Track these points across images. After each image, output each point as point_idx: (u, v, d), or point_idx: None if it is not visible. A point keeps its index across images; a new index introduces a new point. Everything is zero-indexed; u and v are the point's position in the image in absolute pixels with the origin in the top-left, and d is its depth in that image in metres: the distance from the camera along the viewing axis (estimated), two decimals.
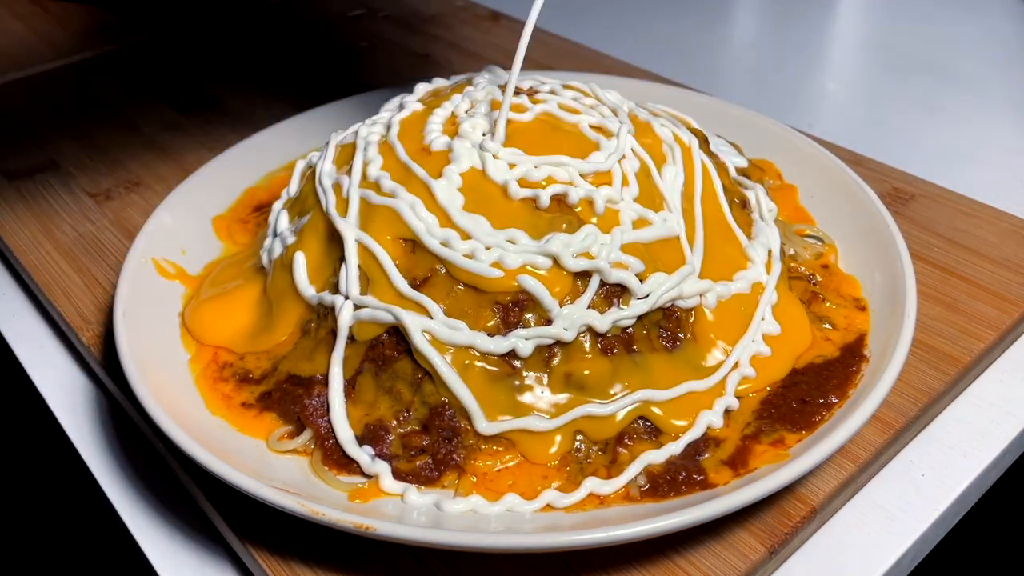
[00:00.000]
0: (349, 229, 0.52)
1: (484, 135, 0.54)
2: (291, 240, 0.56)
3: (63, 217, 0.74)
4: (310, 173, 0.59)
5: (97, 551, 0.86)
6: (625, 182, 0.53)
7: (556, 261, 0.49)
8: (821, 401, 0.49)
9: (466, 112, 0.57)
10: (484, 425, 0.47)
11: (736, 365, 0.51)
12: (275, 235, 0.58)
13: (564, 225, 0.50)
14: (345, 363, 0.50)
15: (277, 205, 0.61)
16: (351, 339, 0.50)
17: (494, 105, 0.57)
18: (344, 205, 0.54)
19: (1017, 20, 1.09)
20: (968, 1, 1.14)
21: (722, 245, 0.55)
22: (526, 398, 0.48)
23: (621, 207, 0.52)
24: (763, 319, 0.53)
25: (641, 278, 0.50)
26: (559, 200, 0.51)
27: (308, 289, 0.53)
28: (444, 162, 0.53)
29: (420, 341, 0.48)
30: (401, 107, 0.60)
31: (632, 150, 0.55)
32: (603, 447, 0.48)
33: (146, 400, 0.47)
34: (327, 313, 0.52)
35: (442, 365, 0.48)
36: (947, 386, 0.54)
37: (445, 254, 0.50)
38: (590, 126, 0.56)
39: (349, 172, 0.55)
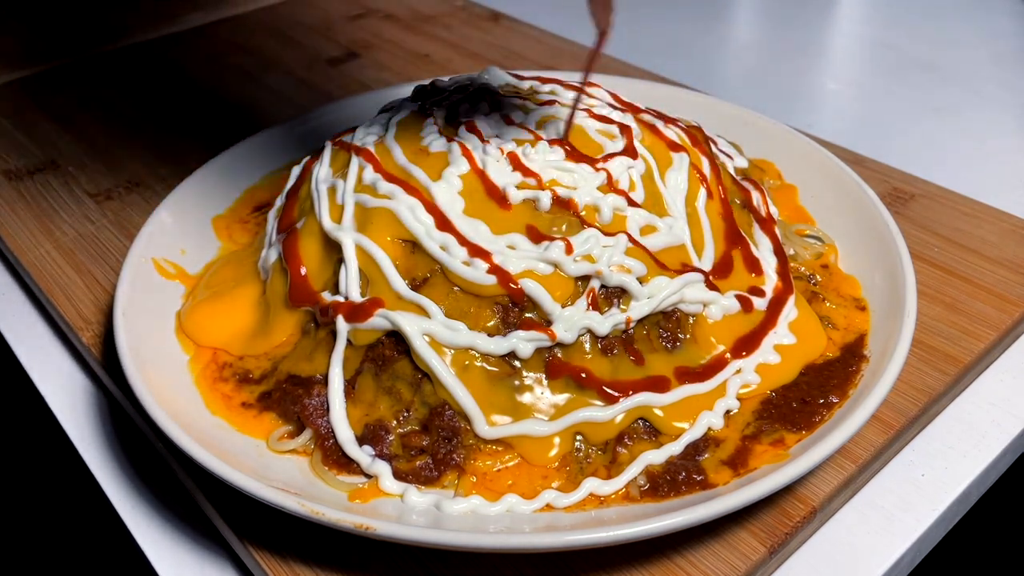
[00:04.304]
0: (346, 234, 0.52)
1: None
2: None
3: (63, 217, 0.74)
4: (307, 176, 0.59)
5: (97, 551, 0.86)
6: (632, 187, 0.53)
7: (557, 266, 0.49)
8: (821, 401, 0.49)
9: (465, 113, 0.57)
10: (484, 429, 0.47)
11: (739, 371, 0.51)
12: (270, 244, 0.58)
13: (564, 226, 0.50)
14: (345, 363, 0.50)
15: (272, 214, 0.61)
16: (350, 342, 0.50)
17: (494, 106, 0.57)
18: (339, 211, 0.54)
19: (1017, 19, 1.09)
20: (968, 1, 1.14)
21: (733, 254, 0.55)
22: (526, 398, 0.48)
23: (628, 213, 0.52)
24: (776, 332, 0.53)
25: (643, 281, 0.50)
26: (559, 202, 0.51)
27: None
28: (443, 164, 0.53)
29: (420, 345, 0.48)
30: (400, 108, 0.60)
31: (639, 153, 0.55)
32: (603, 447, 0.48)
33: (146, 400, 0.47)
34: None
35: (441, 369, 0.48)
36: (947, 386, 0.54)
37: (443, 258, 0.49)
38: (596, 130, 0.56)
39: (345, 176, 0.55)
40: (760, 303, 0.53)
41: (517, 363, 0.49)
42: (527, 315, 0.49)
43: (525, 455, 0.48)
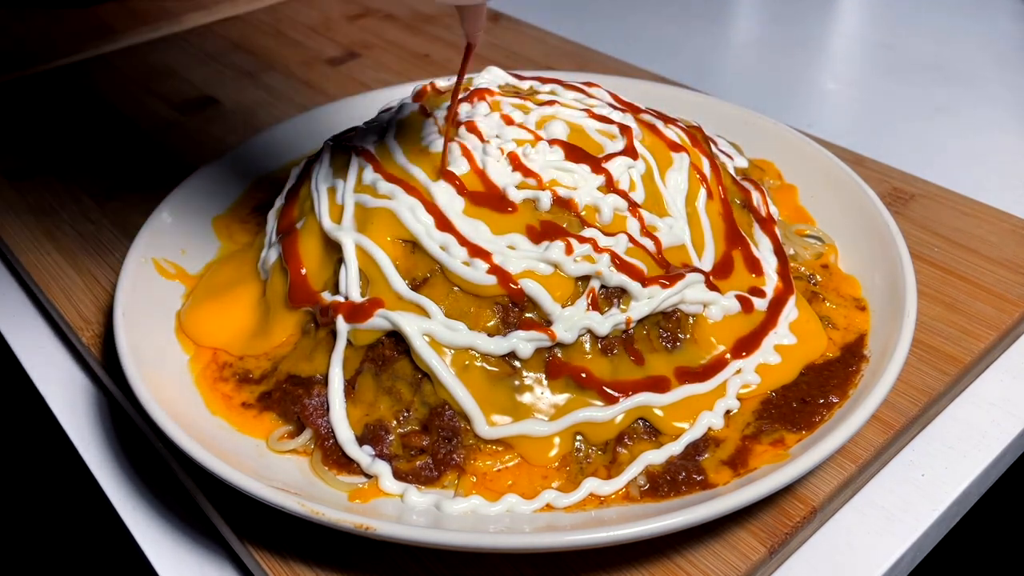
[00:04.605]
0: (346, 234, 0.52)
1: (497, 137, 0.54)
2: None
3: (63, 217, 0.74)
4: (307, 176, 0.59)
5: (97, 551, 0.86)
6: (632, 187, 0.53)
7: (557, 266, 0.49)
8: (821, 401, 0.49)
9: (466, 113, 0.57)
10: (484, 430, 0.47)
11: (739, 371, 0.51)
12: (270, 245, 0.58)
13: (564, 225, 0.50)
14: (345, 363, 0.50)
15: (272, 214, 0.61)
16: (350, 342, 0.50)
17: (493, 107, 0.57)
18: (339, 211, 0.54)
19: (1018, 19, 1.09)
20: (968, 1, 1.14)
21: (733, 255, 0.55)
22: (526, 398, 0.48)
23: (628, 214, 0.52)
24: (776, 333, 0.53)
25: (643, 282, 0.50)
26: (560, 202, 0.51)
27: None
28: (443, 164, 0.53)
29: (420, 345, 0.48)
30: (399, 108, 0.60)
31: (639, 153, 0.55)
32: (603, 447, 0.48)
33: (146, 400, 0.47)
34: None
35: (441, 369, 0.48)
36: (947, 386, 0.54)
37: (443, 258, 0.49)
38: (596, 130, 0.56)
39: (345, 176, 0.55)
40: (760, 303, 0.53)
41: (517, 363, 0.49)
42: (527, 315, 0.49)
43: (525, 455, 0.48)
